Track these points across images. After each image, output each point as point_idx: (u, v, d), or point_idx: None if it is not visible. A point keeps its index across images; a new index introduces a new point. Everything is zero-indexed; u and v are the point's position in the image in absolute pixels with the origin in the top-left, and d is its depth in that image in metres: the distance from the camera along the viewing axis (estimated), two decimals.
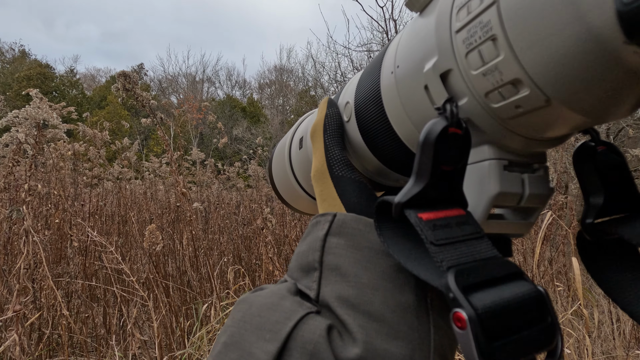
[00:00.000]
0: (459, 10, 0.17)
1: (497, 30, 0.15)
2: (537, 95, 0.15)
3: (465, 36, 0.17)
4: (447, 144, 0.17)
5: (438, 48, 0.18)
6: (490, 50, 0.16)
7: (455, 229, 0.17)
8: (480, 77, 0.17)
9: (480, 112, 0.18)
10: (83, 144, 2.65)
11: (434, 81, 0.19)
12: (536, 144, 0.19)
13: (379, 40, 7.27)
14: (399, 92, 0.21)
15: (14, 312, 0.71)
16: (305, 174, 0.34)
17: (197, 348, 1.49)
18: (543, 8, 0.14)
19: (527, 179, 0.19)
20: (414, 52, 0.20)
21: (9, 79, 19.26)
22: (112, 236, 2.36)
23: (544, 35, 0.14)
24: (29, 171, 0.91)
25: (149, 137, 16.84)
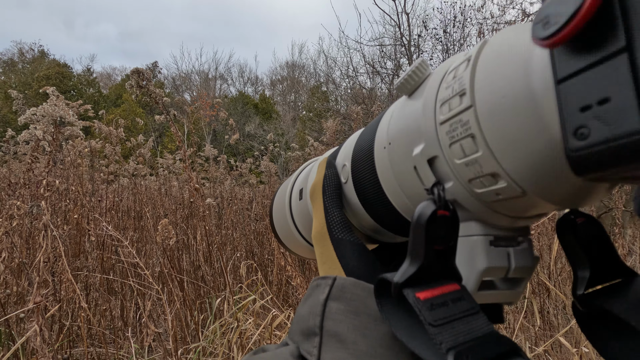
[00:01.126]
0: (442, 105, 0.19)
1: (475, 130, 0.17)
2: (514, 187, 0.17)
3: (448, 129, 0.19)
4: (436, 225, 0.19)
5: (425, 136, 0.20)
6: (470, 146, 0.18)
7: (451, 307, 0.18)
8: (463, 166, 0.18)
9: (465, 195, 0.20)
10: (99, 141, 2.71)
11: (422, 165, 0.21)
12: (519, 220, 0.20)
13: (392, 34, 7.18)
14: (392, 167, 0.23)
15: (34, 304, 0.74)
16: (305, 224, 0.35)
17: (210, 341, 1.52)
18: (514, 117, 0.16)
19: (512, 252, 0.21)
20: (404, 134, 0.22)
21: (29, 79, 19.82)
22: (128, 231, 2.41)
23: (516, 139, 0.16)
24: (47, 167, 0.94)
25: (163, 134, 17.11)
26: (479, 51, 0.18)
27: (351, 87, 9.00)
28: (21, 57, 23.40)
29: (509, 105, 0.16)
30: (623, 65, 0.11)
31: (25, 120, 0.93)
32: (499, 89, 0.16)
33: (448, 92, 0.19)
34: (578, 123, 0.13)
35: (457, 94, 0.18)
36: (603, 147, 0.12)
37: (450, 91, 0.19)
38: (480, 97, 0.17)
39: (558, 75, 0.13)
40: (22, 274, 1.50)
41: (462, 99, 0.18)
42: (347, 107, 7.18)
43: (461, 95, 0.18)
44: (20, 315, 1.02)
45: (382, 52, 7.20)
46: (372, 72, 7.81)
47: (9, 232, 0.92)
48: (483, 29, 6.53)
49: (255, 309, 1.49)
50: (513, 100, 0.16)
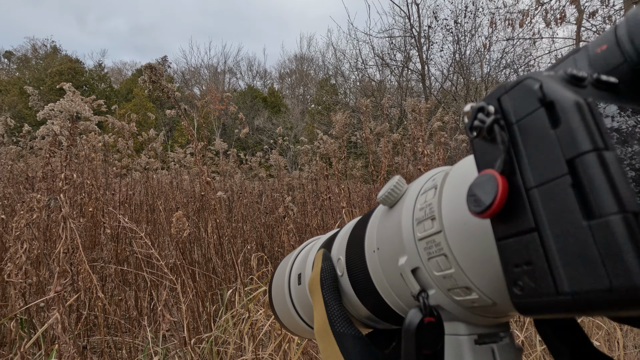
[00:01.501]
0: (418, 224, 0.22)
1: (447, 251, 0.20)
2: (485, 299, 0.19)
3: (425, 246, 0.21)
4: (424, 332, 0.21)
5: (407, 249, 0.23)
6: (444, 263, 0.20)
7: None
8: (442, 278, 0.21)
9: (447, 301, 0.22)
10: (112, 135, 2.75)
11: (407, 273, 0.23)
12: (498, 319, 0.23)
13: (401, 26, 7.07)
14: (382, 270, 0.26)
15: (55, 293, 0.77)
16: (305, 309, 0.37)
17: (222, 331, 1.55)
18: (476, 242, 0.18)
19: (496, 348, 0.23)
20: (389, 244, 0.25)
21: (42, 74, 20.15)
22: (141, 224, 2.46)
23: (481, 260, 0.18)
24: (64, 161, 0.96)
25: (174, 129, 17.27)
26: (443, 182, 0.22)
27: (360, 80, 8.90)
28: (34, 53, 23.78)
29: (470, 232, 0.19)
30: (536, 240, 0.14)
31: (44, 115, 0.96)
32: (461, 217, 0.19)
33: (422, 214, 0.22)
34: (514, 277, 0.16)
35: (429, 218, 0.21)
36: (534, 299, 0.15)
37: (423, 213, 0.22)
38: (447, 222, 0.20)
39: (496, 235, 0.16)
40: (41, 265, 1.55)
41: (433, 223, 0.21)
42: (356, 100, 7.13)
43: (432, 219, 0.21)
44: (41, 305, 1.06)
45: (391, 44, 7.11)
46: (381, 65, 7.72)
47: (30, 224, 0.95)
48: (495, 19, 6.38)
49: (266, 300, 1.51)
50: (473, 228, 0.19)
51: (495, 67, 8.42)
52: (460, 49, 7.14)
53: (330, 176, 2.71)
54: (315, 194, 3.07)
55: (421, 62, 8.23)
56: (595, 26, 5.52)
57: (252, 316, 1.46)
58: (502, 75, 8.35)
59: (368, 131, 2.38)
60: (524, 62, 7.68)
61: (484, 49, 7.58)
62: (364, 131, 2.27)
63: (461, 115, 0.20)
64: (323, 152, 2.43)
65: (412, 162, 2.45)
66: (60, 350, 0.79)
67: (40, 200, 0.92)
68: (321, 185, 2.88)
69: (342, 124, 2.16)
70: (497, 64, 8.26)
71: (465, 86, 8.27)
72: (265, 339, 1.62)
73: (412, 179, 2.22)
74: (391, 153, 2.30)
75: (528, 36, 6.48)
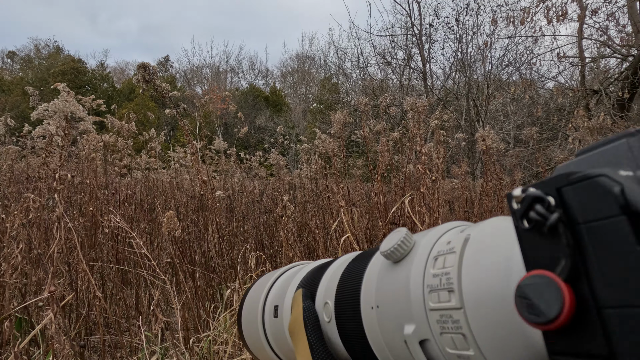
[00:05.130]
0: (431, 292, 0.19)
1: (467, 331, 0.17)
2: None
3: (439, 319, 0.18)
4: None
5: (416, 318, 0.20)
6: (461, 342, 0.18)
7: None
8: (456, 357, 0.18)
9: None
10: (112, 135, 2.76)
11: (414, 344, 0.20)
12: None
13: (403, 24, 7.05)
14: (381, 330, 0.23)
15: (49, 293, 0.77)
16: (280, 343, 0.34)
17: (220, 331, 1.55)
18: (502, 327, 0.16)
19: None
20: (393, 306, 0.22)
21: (45, 74, 20.25)
22: (140, 223, 2.46)
23: (505, 347, 0.16)
24: (59, 161, 0.97)
25: (176, 128, 17.32)
26: (463, 247, 0.19)
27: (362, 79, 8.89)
28: (37, 53, 23.90)
29: (499, 316, 0.16)
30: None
31: (38, 116, 0.96)
32: (488, 296, 0.17)
33: (436, 281, 0.19)
34: None
35: (446, 289, 0.18)
36: None
37: (438, 281, 0.19)
38: (470, 301, 0.17)
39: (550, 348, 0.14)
40: (39, 265, 1.56)
41: (450, 296, 0.18)
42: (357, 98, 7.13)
43: (449, 292, 0.18)
44: (39, 304, 1.07)
45: (392, 42, 7.09)
46: (382, 63, 7.70)
47: (25, 224, 0.95)
48: (497, 17, 6.34)
49: None
50: (503, 311, 0.16)
51: (497, 65, 8.38)
52: (461, 47, 7.11)
53: (329, 175, 2.71)
54: (314, 193, 3.07)
55: (422, 61, 8.20)
56: (598, 23, 5.48)
57: None
58: (504, 73, 8.31)
59: (367, 130, 2.37)
60: (526, 60, 7.64)
61: (485, 47, 7.54)
62: (363, 130, 2.27)
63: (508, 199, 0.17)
64: (322, 151, 2.43)
65: (412, 160, 2.44)
66: (55, 350, 0.80)
67: (35, 200, 0.93)
68: (320, 184, 2.88)
69: (340, 123, 2.15)
70: (499, 62, 8.22)
71: (467, 84, 8.24)
72: None
73: (412, 177, 2.19)
74: (391, 152, 2.30)
75: (530, 34, 6.45)
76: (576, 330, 0.13)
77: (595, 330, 0.13)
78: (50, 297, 0.78)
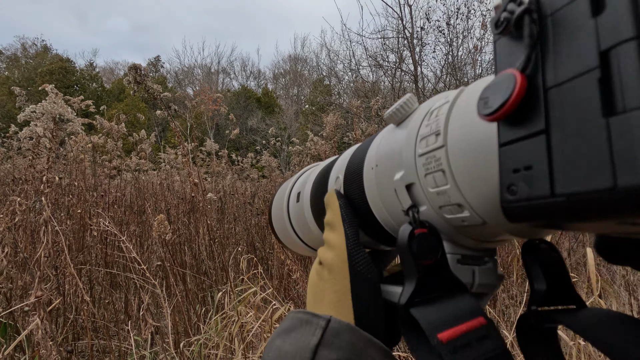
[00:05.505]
0: (421, 140, 0.22)
1: (445, 166, 0.20)
2: (476, 217, 0.20)
3: (425, 162, 0.21)
4: (418, 243, 0.21)
5: (406, 165, 0.23)
6: (441, 179, 0.20)
7: (475, 348, 0.18)
8: (435, 194, 0.21)
9: (437, 218, 0.22)
10: (101, 136, 2.72)
11: (401, 189, 0.23)
12: (485, 243, 0.23)
13: (394, 27, 7.10)
14: (377, 187, 0.26)
15: (35, 298, 0.76)
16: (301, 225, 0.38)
17: (211, 334, 1.54)
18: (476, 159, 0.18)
19: (477, 270, 0.23)
20: (388, 159, 0.25)
21: (32, 74, 19.87)
22: (130, 226, 2.43)
23: (477, 178, 0.18)
24: (47, 163, 0.95)
25: (167, 129, 17.15)
26: (456, 97, 0.21)
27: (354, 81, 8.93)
28: (24, 52, 23.45)
29: (472, 150, 0.19)
30: (542, 143, 0.14)
31: (25, 117, 0.95)
32: (466, 135, 0.19)
33: (427, 130, 0.21)
34: (510, 181, 0.15)
35: (434, 133, 0.21)
36: (525, 203, 0.15)
37: (429, 129, 0.21)
38: (451, 139, 0.20)
39: (500, 140, 0.16)
40: (26, 269, 1.52)
41: (437, 138, 0.20)
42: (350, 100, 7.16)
43: (436, 135, 0.20)
44: (25, 309, 1.04)
45: (384, 45, 7.13)
46: (374, 65, 7.74)
47: (11, 228, 0.93)
48: (486, 21, 6.44)
49: (256, 301, 1.50)
50: (476, 145, 0.18)
51: (487, 69, 8.49)
52: (452, 50, 7.20)
53: None
54: None
55: (414, 63, 8.28)
56: None
57: (242, 318, 1.45)
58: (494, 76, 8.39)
59: (359, 132, 2.38)
60: None
61: (475, 50, 7.64)
62: (355, 132, 2.28)
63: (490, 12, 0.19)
64: (314, 153, 2.43)
65: None
66: (41, 356, 0.78)
67: (22, 203, 0.91)
68: None
69: (333, 125, 2.16)
70: (489, 65, 8.33)
71: (457, 87, 8.29)
72: (255, 341, 1.61)
73: None
74: None
75: None
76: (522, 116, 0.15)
77: (539, 110, 0.14)
78: (37, 302, 0.77)
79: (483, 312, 0.20)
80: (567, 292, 0.22)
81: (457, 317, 0.19)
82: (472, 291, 0.23)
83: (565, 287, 0.22)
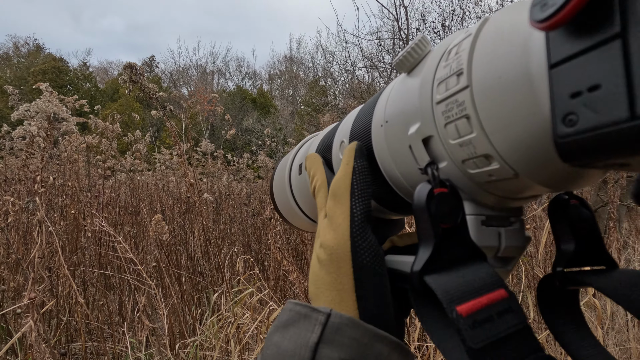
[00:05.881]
0: (439, 84, 0.18)
1: (471, 111, 0.17)
2: (506, 169, 0.17)
3: (444, 109, 0.18)
4: (437, 203, 0.18)
5: (421, 115, 0.20)
6: (465, 127, 0.17)
7: (497, 322, 0.16)
8: (457, 147, 0.18)
9: (459, 175, 0.19)
10: (96, 136, 2.70)
11: (417, 144, 0.20)
12: (511, 201, 0.20)
13: (390, 28, 7.13)
14: (388, 146, 0.23)
15: (29, 299, 0.74)
16: (305, 199, 0.35)
17: (207, 336, 1.53)
18: (508, 99, 0.15)
19: (503, 232, 0.21)
20: (401, 113, 0.22)
21: (24, 73, 19.66)
22: (125, 227, 2.41)
23: (509, 122, 0.16)
24: (41, 163, 0.94)
25: (161, 129, 17.04)
26: (480, 29, 0.17)
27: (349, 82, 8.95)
28: (16, 51, 23.18)
29: (504, 87, 0.15)
30: (615, 51, 0.11)
31: (19, 116, 0.93)
32: (496, 70, 0.16)
33: (446, 71, 0.18)
34: (567, 109, 0.13)
35: (455, 74, 0.18)
36: (590, 134, 0.12)
37: (448, 70, 0.18)
38: (477, 77, 0.17)
39: (551, 60, 0.13)
40: (19, 270, 1.50)
41: (459, 79, 0.17)
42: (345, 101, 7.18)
43: (458, 75, 0.17)
44: (17, 311, 1.03)
45: (380, 46, 7.16)
46: (370, 67, 7.77)
47: (4, 229, 0.92)
48: None
49: (252, 302, 1.50)
50: (509, 82, 0.15)
51: None
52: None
53: None
54: None
55: None
56: None
57: (238, 319, 1.44)
58: None
59: None
60: None
61: None
62: None
63: None
64: None
65: None
66: (34, 358, 0.77)
67: (15, 203, 0.89)
68: None
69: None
70: None
71: None
72: (251, 342, 1.61)
73: None
74: None
75: None
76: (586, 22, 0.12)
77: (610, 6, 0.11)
78: (31, 304, 0.76)
79: (504, 283, 0.18)
80: (598, 252, 0.20)
81: (477, 288, 0.17)
82: (499, 255, 0.21)
83: (595, 246, 0.20)
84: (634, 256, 2.06)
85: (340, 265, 0.21)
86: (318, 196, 0.26)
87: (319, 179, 0.27)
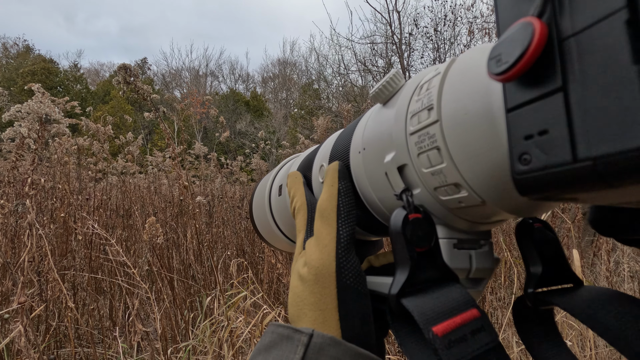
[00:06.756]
0: (412, 117, 0.20)
1: (441, 143, 0.18)
2: (474, 197, 0.18)
3: (417, 140, 0.20)
4: (412, 228, 0.20)
5: (396, 145, 0.21)
6: (436, 157, 0.19)
7: (470, 342, 0.17)
8: (430, 175, 0.19)
9: (432, 201, 0.21)
10: (87, 138, 2.66)
11: (392, 171, 0.22)
12: (481, 225, 0.22)
13: (383, 33, 7.19)
14: (365, 172, 0.24)
15: (18, 304, 0.73)
16: (283, 219, 0.36)
17: (200, 340, 1.51)
18: (474, 133, 0.17)
19: (474, 255, 0.22)
20: (377, 141, 0.23)
21: (13, 74, 19.35)
22: (117, 230, 2.38)
23: (476, 153, 0.17)
24: (32, 165, 0.92)
25: (153, 132, 16.90)
26: (448, 68, 0.19)
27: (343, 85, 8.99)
28: (5, 52, 22.83)
29: (470, 123, 0.17)
30: (559, 102, 0.13)
31: (10, 117, 0.91)
32: (463, 107, 0.17)
33: (418, 105, 0.20)
34: (522, 150, 0.14)
35: (426, 108, 0.19)
36: (541, 173, 0.13)
37: (420, 104, 0.20)
38: (446, 112, 0.18)
39: (507, 105, 0.14)
40: (6, 274, 1.47)
41: (430, 113, 0.19)
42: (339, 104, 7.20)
43: (429, 109, 0.19)
44: (5, 316, 1.00)
45: (373, 50, 7.21)
46: (363, 70, 7.81)
47: None
48: (473, 28, 6.58)
49: (245, 306, 1.48)
50: (474, 118, 0.17)
51: None
52: (440, 56, 7.32)
53: None
54: None
55: (402, 69, 8.39)
56: None
57: (232, 323, 1.43)
58: None
59: None
60: None
61: None
62: None
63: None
64: None
65: None
66: None
67: (4, 206, 0.88)
68: None
69: (323, 129, 2.16)
70: None
71: None
72: (245, 346, 1.59)
73: None
74: None
75: None
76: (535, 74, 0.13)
77: (554, 65, 0.13)
78: (20, 309, 0.74)
79: (476, 303, 0.19)
80: (563, 272, 0.21)
81: (451, 309, 0.18)
82: (470, 277, 0.22)
83: (561, 266, 0.21)
84: (623, 258, 2.10)
85: (325, 286, 0.22)
86: (297, 217, 0.27)
87: (298, 200, 0.28)
